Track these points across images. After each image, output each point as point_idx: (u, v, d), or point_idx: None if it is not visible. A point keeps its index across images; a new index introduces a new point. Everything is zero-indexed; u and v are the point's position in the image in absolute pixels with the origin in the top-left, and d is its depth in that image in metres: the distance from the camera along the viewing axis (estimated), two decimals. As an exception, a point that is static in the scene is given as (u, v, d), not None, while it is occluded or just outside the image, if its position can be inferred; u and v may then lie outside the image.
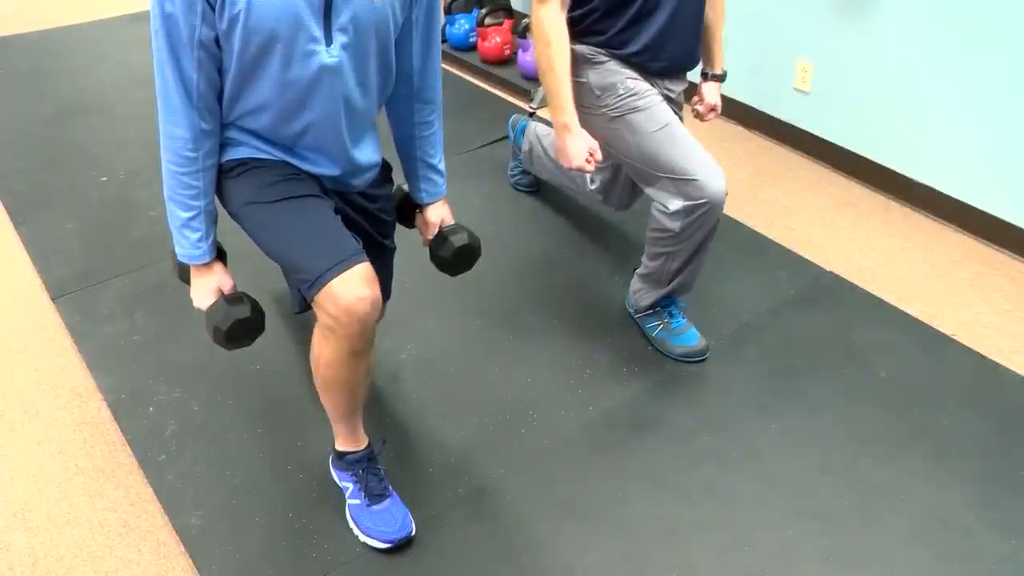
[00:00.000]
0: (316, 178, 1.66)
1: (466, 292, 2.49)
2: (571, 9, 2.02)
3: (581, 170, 2.02)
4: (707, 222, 2.03)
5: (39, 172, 3.17)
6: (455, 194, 2.95)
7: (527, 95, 3.63)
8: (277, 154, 1.61)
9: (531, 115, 2.86)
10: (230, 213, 1.64)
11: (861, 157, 3.11)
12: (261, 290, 2.28)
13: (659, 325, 2.28)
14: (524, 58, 3.65)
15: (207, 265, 1.63)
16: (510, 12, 3.95)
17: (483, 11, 3.87)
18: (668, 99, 2.14)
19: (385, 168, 1.83)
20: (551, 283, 2.56)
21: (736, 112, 3.48)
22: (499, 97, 3.77)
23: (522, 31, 3.64)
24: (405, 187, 1.89)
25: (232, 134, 1.59)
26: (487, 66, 3.88)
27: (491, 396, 2.15)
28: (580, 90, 2.07)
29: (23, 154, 3.29)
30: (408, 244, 1.92)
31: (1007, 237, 2.75)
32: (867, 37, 2.95)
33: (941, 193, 2.89)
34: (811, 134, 3.26)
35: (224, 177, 1.61)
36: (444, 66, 3.85)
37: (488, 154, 3.16)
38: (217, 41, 1.44)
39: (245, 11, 1.38)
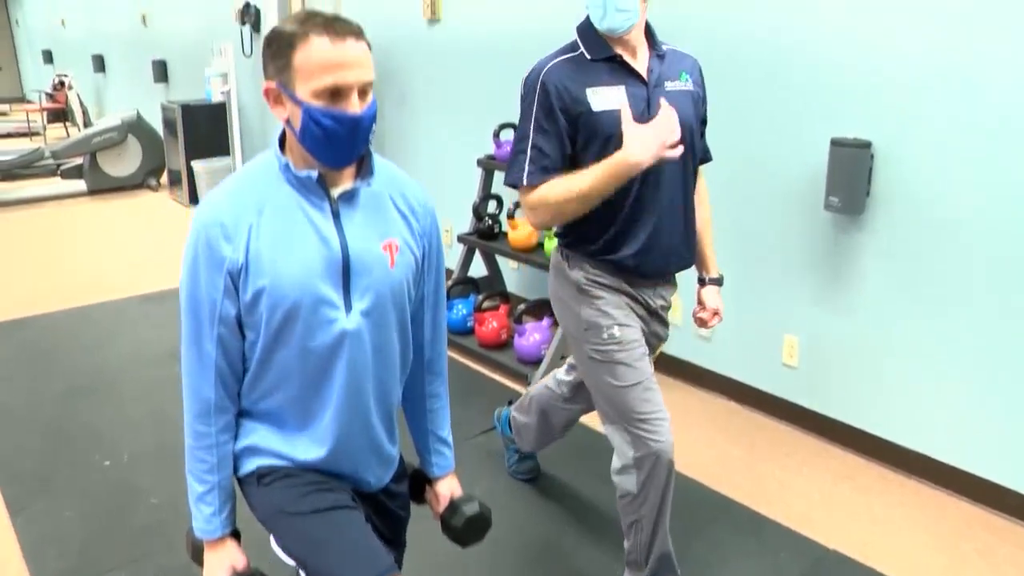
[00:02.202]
0: (343, 480, 1.67)
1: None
2: None
3: (674, 147, 1.95)
4: (658, 476, 2.10)
5: (42, 454, 3.20)
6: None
7: (525, 379, 3.75)
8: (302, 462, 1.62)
9: (509, 403, 2.96)
10: (260, 521, 1.64)
11: (855, 429, 3.18)
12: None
13: (658, 617, 2.25)
14: (521, 343, 3.81)
15: (220, 540, 1.62)
16: (506, 297, 4.17)
17: (480, 296, 4.07)
18: (657, 315, 2.26)
19: (401, 461, 1.85)
20: (553, 575, 2.52)
21: (727, 388, 3.59)
22: (497, 382, 3.86)
23: (518, 316, 3.81)
24: (414, 464, 1.92)
25: (255, 436, 1.62)
26: (485, 350, 4.01)
27: None
28: (572, 319, 2.19)
29: (29, 434, 3.34)
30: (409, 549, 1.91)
31: (1011, 504, 2.76)
32: (847, 314, 3.13)
33: (938, 461, 2.94)
34: (803, 408, 3.35)
35: (251, 485, 1.64)
36: (444, 347, 4.01)
37: (486, 441, 3.21)
38: (239, 319, 1.52)
39: (269, 284, 1.47)
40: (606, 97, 2.03)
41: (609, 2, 2.01)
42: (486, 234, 4.23)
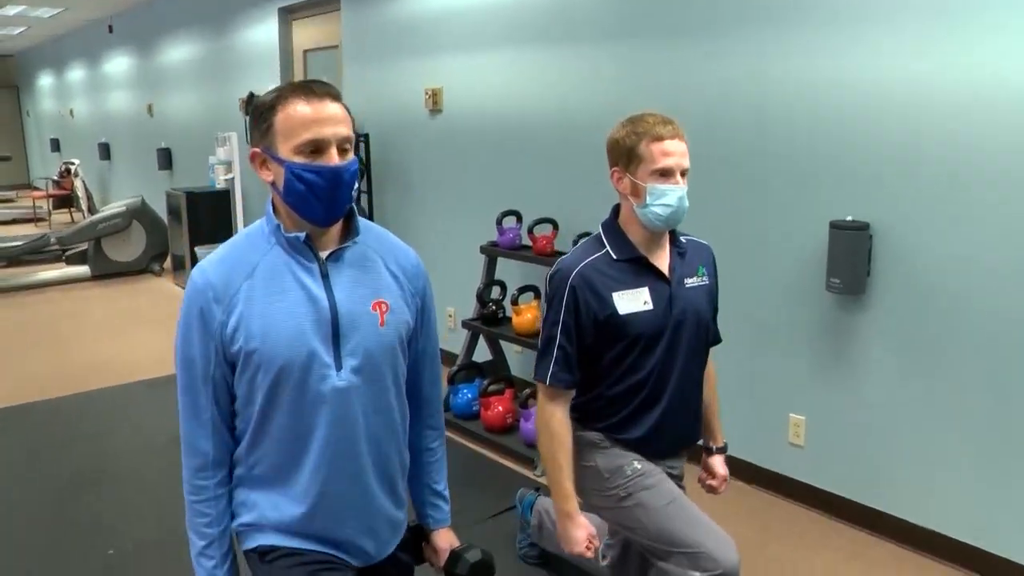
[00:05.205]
0: (347, 565, 1.68)
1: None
2: (578, 395, 2.18)
3: (582, 556, 2.10)
4: None
5: (46, 542, 3.16)
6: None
7: (531, 463, 3.74)
8: (302, 542, 1.63)
9: (537, 489, 2.96)
10: None
11: (865, 506, 3.18)
12: None
13: None
14: (526, 426, 3.81)
15: None
16: (511, 382, 4.18)
17: (486, 381, 4.09)
18: (671, 476, 2.25)
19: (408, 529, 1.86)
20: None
21: (735, 468, 3.54)
22: (503, 465, 3.84)
23: (523, 400, 3.83)
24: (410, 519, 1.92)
25: (255, 512, 1.63)
26: (490, 434, 4.00)
27: None
28: (588, 474, 2.18)
29: (32, 528, 3.30)
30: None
31: (1025, 581, 2.73)
32: (852, 392, 3.17)
33: (949, 538, 2.93)
34: (811, 486, 3.35)
35: (254, 561, 1.66)
36: (449, 434, 4.00)
37: (495, 526, 3.18)
38: (229, 381, 1.58)
39: (260, 345, 1.53)
40: (632, 300, 2.11)
41: (681, 200, 2.07)
42: (490, 319, 4.27)
